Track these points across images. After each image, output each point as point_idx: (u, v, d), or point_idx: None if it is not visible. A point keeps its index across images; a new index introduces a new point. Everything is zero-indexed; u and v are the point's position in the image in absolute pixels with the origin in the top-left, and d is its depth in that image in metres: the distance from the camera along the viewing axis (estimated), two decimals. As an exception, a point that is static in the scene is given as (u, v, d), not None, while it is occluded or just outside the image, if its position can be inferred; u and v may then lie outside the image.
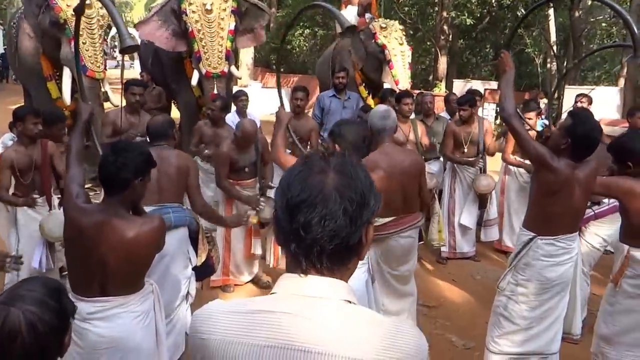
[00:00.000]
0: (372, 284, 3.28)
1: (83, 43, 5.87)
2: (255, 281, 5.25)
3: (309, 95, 6.08)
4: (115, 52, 42.63)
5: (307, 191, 1.11)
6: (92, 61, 5.97)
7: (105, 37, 6.20)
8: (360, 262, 2.99)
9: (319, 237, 1.10)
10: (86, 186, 5.34)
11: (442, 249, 6.04)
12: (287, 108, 5.80)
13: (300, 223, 1.10)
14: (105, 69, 6.15)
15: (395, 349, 1.09)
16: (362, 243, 1.16)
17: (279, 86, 4.74)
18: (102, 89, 6.22)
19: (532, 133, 5.30)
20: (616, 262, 3.32)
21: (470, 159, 5.83)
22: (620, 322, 3.25)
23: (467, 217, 6.02)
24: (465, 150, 5.88)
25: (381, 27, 7.61)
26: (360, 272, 3.01)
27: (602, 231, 4.38)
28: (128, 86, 5.47)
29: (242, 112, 6.48)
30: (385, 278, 3.87)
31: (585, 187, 3.16)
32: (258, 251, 5.07)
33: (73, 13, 4.67)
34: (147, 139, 3.84)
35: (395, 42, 7.48)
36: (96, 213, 2.48)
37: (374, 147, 3.74)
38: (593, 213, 4.33)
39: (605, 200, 4.37)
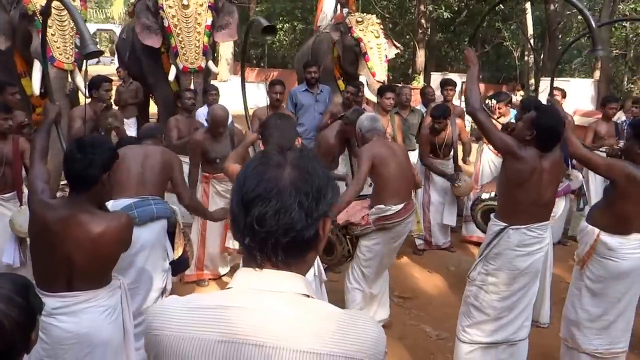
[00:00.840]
0: (321, 285, 3.24)
1: (52, 34, 5.80)
2: (230, 275, 5.27)
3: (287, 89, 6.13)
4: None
5: (263, 185, 1.10)
6: (60, 52, 5.88)
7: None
8: None
9: (274, 231, 1.09)
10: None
11: (418, 241, 6.13)
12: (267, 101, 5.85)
13: (254, 217, 1.09)
14: (75, 61, 6.06)
15: (352, 342, 1.09)
16: (319, 237, 1.16)
17: (245, 106, 4.84)
18: (69, 81, 6.14)
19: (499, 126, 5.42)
20: (583, 246, 3.37)
21: (447, 173, 5.89)
22: (588, 306, 3.32)
23: (448, 216, 6.08)
24: (441, 154, 5.96)
25: (357, 21, 7.63)
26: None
27: None
28: (101, 83, 5.39)
29: None
30: (383, 265, 4.19)
31: (552, 176, 3.22)
32: (233, 245, 5.08)
33: (41, 9, 4.66)
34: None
35: (371, 35, 7.50)
36: (61, 208, 2.47)
37: (362, 144, 4.05)
38: None
39: None
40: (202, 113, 6.18)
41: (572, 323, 3.40)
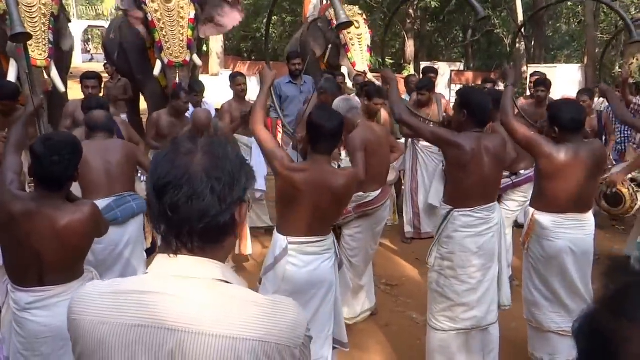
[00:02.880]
0: (340, 269, 3.22)
1: None
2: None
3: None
4: (89, 45, 41.91)
5: (174, 172, 1.12)
6: (33, 49, 5.88)
7: (51, 25, 6.12)
8: (326, 249, 2.85)
9: (188, 217, 1.11)
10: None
11: (407, 229, 6.17)
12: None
13: (167, 204, 1.11)
14: (48, 57, 6.06)
15: (268, 326, 1.10)
16: (236, 221, 1.18)
17: (266, 48, 4.71)
18: (46, 78, 6.15)
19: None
20: (525, 226, 3.49)
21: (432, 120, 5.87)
22: (539, 285, 3.41)
23: (434, 196, 6.03)
24: None
25: (336, 14, 7.65)
26: (324, 261, 2.95)
27: (517, 196, 4.74)
28: (82, 79, 5.40)
29: None
30: (369, 254, 4.26)
31: (494, 157, 3.25)
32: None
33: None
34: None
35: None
36: (28, 201, 2.47)
37: (350, 128, 3.89)
38: (511, 182, 4.69)
39: (522, 171, 4.68)
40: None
41: (531, 303, 3.47)
